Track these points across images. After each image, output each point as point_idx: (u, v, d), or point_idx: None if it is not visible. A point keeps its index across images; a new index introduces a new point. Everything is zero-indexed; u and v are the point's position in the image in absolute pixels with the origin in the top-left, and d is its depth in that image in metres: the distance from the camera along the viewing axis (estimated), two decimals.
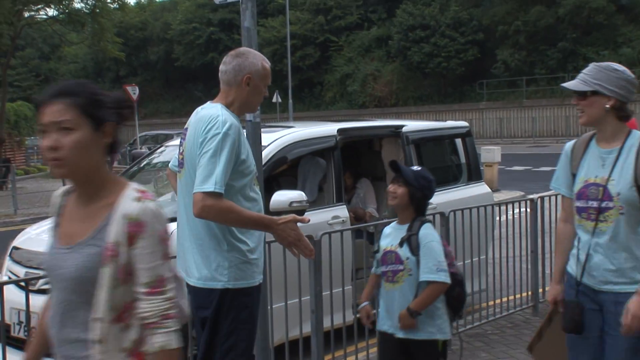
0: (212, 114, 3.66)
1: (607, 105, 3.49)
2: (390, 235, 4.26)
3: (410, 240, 4.11)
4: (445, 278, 4.06)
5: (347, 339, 5.88)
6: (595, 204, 3.53)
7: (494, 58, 41.65)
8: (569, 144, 3.77)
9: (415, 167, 4.37)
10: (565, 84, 3.61)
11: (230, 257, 3.65)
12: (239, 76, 3.76)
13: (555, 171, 3.84)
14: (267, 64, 3.88)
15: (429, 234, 4.14)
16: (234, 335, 3.68)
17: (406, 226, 4.19)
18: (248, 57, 3.81)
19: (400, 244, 4.13)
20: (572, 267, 3.69)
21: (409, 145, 7.32)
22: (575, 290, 3.64)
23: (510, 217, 7.84)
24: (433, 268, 4.04)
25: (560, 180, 3.79)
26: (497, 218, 7.91)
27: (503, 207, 7.74)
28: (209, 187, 3.49)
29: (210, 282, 3.66)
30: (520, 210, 7.70)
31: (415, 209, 4.20)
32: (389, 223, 4.40)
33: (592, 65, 3.60)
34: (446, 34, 42.06)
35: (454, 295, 4.19)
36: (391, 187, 4.24)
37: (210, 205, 3.48)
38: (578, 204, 3.61)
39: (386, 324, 4.20)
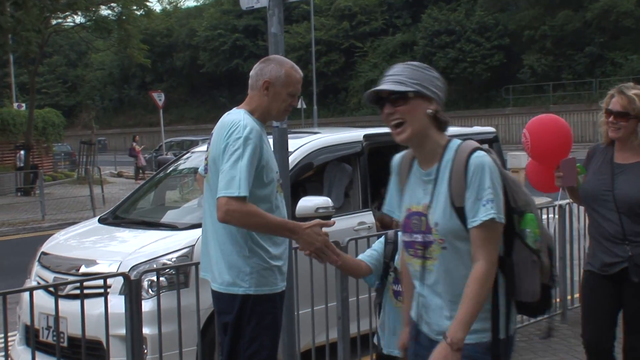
0: (234, 119, 3.66)
1: (430, 110, 2.81)
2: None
3: None
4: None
5: (372, 345, 5.85)
6: (419, 237, 2.88)
7: (520, 63, 41.42)
8: (395, 159, 3.12)
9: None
10: (378, 87, 2.90)
11: (251, 263, 3.64)
12: (259, 81, 3.77)
13: (388, 191, 3.18)
14: (296, 72, 3.80)
15: None
16: (257, 341, 3.66)
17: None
18: (271, 63, 3.80)
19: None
20: (413, 311, 3.05)
21: None
22: (413, 342, 3.02)
23: None
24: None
25: (393, 203, 3.13)
26: None
27: None
28: (233, 191, 3.47)
29: (231, 287, 3.65)
30: (548, 216, 7.62)
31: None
32: None
33: (401, 65, 2.92)
34: (472, 39, 41.92)
35: None
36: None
37: (234, 210, 3.45)
38: (404, 237, 2.98)
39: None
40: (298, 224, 3.60)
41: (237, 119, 3.65)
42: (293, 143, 6.01)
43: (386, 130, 8.42)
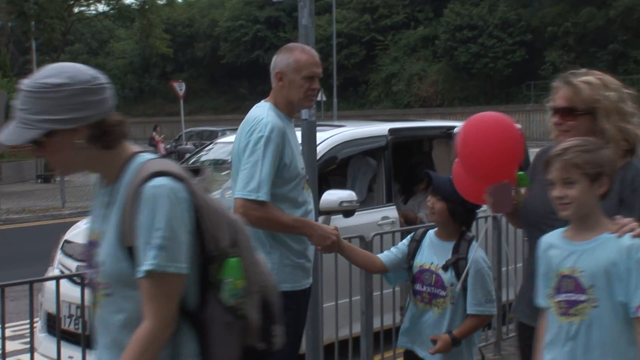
0: (257, 116, 3.64)
1: (78, 140, 2.19)
2: (426, 251, 3.70)
3: (458, 265, 3.59)
4: (493, 310, 3.66)
5: (396, 340, 5.80)
6: (93, 274, 2.39)
7: (542, 59, 41.13)
8: None
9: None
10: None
11: (272, 258, 3.61)
12: (273, 74, 3.76)
13: None
14: (306, 53, 3.75)
15: (480, 258, 3.63)
16: (293, 343, 3.67)
17: (450, 245, 3.65)
18: (280, 53, 3.79)
19: (445, 268, 3.60)
20: None
21: None
22: None
23: None
24: (482, 300, 3.60)
25: None
26: None
27: None
28: (251, 194, 3.49)
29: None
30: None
31: (461, 224, 3.68)
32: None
33: (22, 94, 2.17)
34: (494, 34, 41.67)
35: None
36: (429, 201, 3.70)
37: (250, 214, 3.42)
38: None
39: (410, 340, 3.79)
40: (310, 221, 3.67)
41: (260, 116, 3.63)
42: (318, 136, 5.97)
43: (411, 124, 8.33)
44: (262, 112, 3.65)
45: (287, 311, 3.61)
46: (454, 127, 7.31)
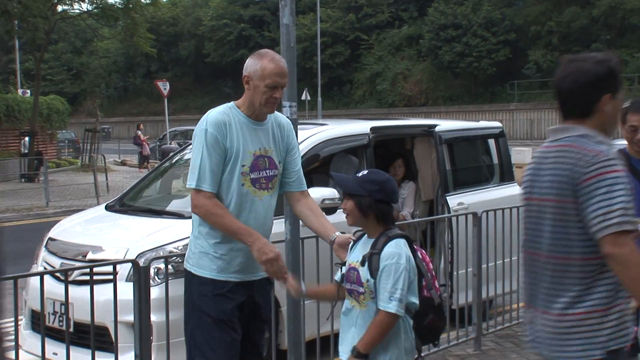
0: (206, 113, 3.89)
1: None
2: (357, 250, 3.60)
3: (372, 260, 3.46)
4: (395, 309, 3.35)
5: None
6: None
7: (525, 58, 41.38)
8: None
9: (362, 172, 3.67)
10: None
11: (196, 243, 3.86)
12: (243, 76, 3.91)
13: None
14: (273, 63, 3.82)
15: (392, 253, 3.43)
16: (187, 318, 3.88)
17: (372, 241, 3.54)
18: (252, 57, 3.91)
19: (362, 263, 3.49)
20: None
21: (442, 145, 7.30)
22: None
23: None
24: (387, 296, 3.37)
25: None
26: None
27: None
28: (192, 183, 3.75)
29: (186, 262, 3.94)
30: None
31: (377, 220, 3.53)
32: (417, 224, 4.00)
33: None
34: (478, 33, 41.87)
35: (424, 324, 3.53)
36: (342, 204, 3.64)
37: (199, 204, 3.76)
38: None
39: (343, 349, 3.58)
40: (256, 233, 3.73)
41: (205, 115, 3.87)
42: (300, 134, 6.03)
43: (393, 123, 8.36)
44: (214, 110, 3.88)
45: (201, 297, 3.81)
46: (435, 126, 7.40)
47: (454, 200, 7.13)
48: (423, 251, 3.69)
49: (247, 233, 3.71)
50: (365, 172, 3.66)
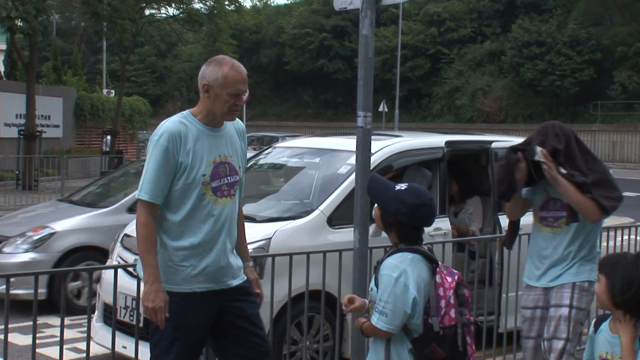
0: (160, 124, 3.79)
1: None
2: None
3: (377, 269, 3.49)
4: (375, 320, 3.38)
5: None
6: None
7: (610, 79, 40.38)
8: None
9: (402, 185, 3.53)
10: None
11: (160, 256, 3.74)
12: (200, 84, 3.84)
13: None
14: (235, 71, 3.79)
15: (390, 265, 3.40)
16: (156, 331, 3.77)
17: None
18: (210, 65, 3.84)
19: (374, 271, 3.53)
20: None
21: (498, 162, 7.17)
22: None
23: (618, 243, 7.59)
24: (379, 306, 3.37)
25: None
26: (604, 244, 7.66)
27: (611, 233, 7.49)
28: (140, 192, 3.68)
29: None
30: (629, 237, 7.44)
31: (398, 235, 3.50)
32: (489, 240, 3.96)
33: None
34: (562, 52, 41.07)
35: (424, 353, 3.35)
36: (374, 208, 3.64)
37: (138, 212, 3.69)
38: None
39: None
40: (156, 275, 3.64)
41: (161, 124, 3.78)
42: (374, 145, 6.03)
43: (468, 137, 8.31)
44: (167, 121, 3.80)
45: (169, 311, 3.67)
46: (511, 142, 7.29)
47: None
48: (446, 275, 3.52)
49: (151, 269, 3.65)
50: (404, 187, 3.50)
